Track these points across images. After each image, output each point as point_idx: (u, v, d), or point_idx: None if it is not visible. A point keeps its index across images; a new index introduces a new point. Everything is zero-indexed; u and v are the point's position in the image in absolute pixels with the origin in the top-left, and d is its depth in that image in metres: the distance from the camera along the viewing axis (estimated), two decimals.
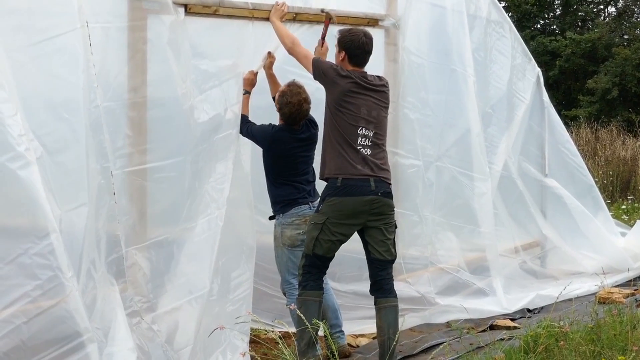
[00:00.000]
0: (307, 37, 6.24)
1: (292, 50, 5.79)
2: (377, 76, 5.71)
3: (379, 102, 5.59)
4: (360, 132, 5.47)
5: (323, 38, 6.03)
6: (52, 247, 4.17)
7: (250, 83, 5.98)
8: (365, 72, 5.62)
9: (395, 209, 5.66)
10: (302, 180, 5.94)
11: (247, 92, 5.96)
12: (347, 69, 5.56)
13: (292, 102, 5.80)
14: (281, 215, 5.91)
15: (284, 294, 6.05)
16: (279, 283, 6.13)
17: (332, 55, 5.86)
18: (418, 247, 7.34)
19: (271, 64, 6.13)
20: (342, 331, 6.03)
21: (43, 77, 4.72)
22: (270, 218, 6.02)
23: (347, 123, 5.46)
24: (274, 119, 6.06)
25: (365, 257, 5.62)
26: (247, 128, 5.89)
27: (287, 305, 5.77)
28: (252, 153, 6.03)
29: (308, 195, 5.93)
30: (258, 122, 5.95)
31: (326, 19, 6.11)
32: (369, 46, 5.61)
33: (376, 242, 5.52)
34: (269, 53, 6.09)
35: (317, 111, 5.90)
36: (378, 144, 5.55)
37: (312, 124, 6.01)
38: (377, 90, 5.59)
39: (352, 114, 5.46)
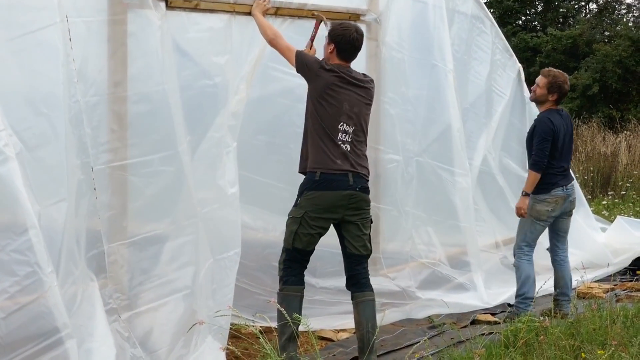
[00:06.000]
0: (289, 32, 6.23)
1: (274, 42, 5.73)
2: (363, 74, 5.72)
3: (362, 98, 5.58)
4: (341, 127, 5.47)
5: (312, 40, 5.99)
6: (30, 243, 4.14)
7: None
8: (350, 67, 5.62)
9: (373, 203, 5.65)
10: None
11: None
12: (334, 62, 5.57)
13: None
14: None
15: (514, 255, 7.20)
16: (260, 280, 6.14)
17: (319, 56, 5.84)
18: (398, 242, 7.35)
19: None
20: (568, 299, 7.06)
21: (22, 72, 4.67)
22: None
23: (328, 117, 5.45)
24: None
25: None
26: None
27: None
28: (244, 153, 6.00)
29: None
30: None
31: (317, 20, 6.07)
32: (359, 42, 5.61)
33: (352, 237, 5.53)
34: None
35: (298, 108, 5.89)
36: (358, 140, 5.56)
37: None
38: (361, 86, 5.59)
39: (334, 108, 5.46)
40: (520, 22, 29.89)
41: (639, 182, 14.90)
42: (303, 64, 5.58)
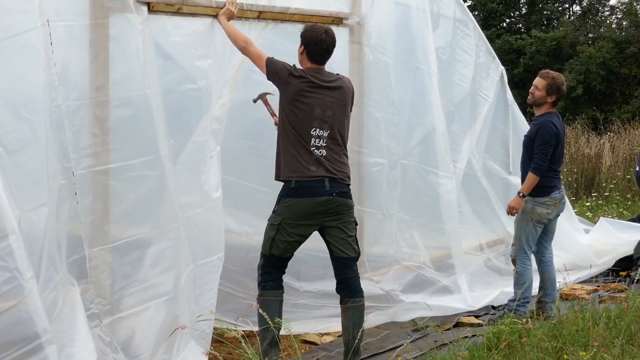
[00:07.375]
0: (272, 36, 6.25)
1: (245, 50, 5.70)
2: (337, 74, 5.67)
3: (336, 100, 5.53)
4: (314, 132, 5.43)
5: (273, 115, 6.01)
6: (10, 248, 4.11)
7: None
8: (322, 70, 5.57)
9: (358, 207, 5.63)
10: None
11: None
12: (306, 65, 5.54)
13: None
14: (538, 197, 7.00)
15: (514, 261, 7.16)
16: (243, 284, 6.13)
17: None
18: (383, 245, 7.34)
19: None
20: (553, 301, 7.01)
21: (3, 76, 4.64)
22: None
23: (300, 123, 5.41)
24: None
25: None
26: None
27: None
28: (228, 157, 5.97)
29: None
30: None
31: (262, 100, 6.10)
32: (328, 44, 5.54)
33: (336, 241, 5.51)
34: None
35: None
36: (335, 144, 5.51)
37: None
38: (333, 88, 5.53)
39: (305, 114, 5.42)
40: (504, 24, 30.02)
41: (623, 183, 14.97)
42: (273, 71, 5.53)
